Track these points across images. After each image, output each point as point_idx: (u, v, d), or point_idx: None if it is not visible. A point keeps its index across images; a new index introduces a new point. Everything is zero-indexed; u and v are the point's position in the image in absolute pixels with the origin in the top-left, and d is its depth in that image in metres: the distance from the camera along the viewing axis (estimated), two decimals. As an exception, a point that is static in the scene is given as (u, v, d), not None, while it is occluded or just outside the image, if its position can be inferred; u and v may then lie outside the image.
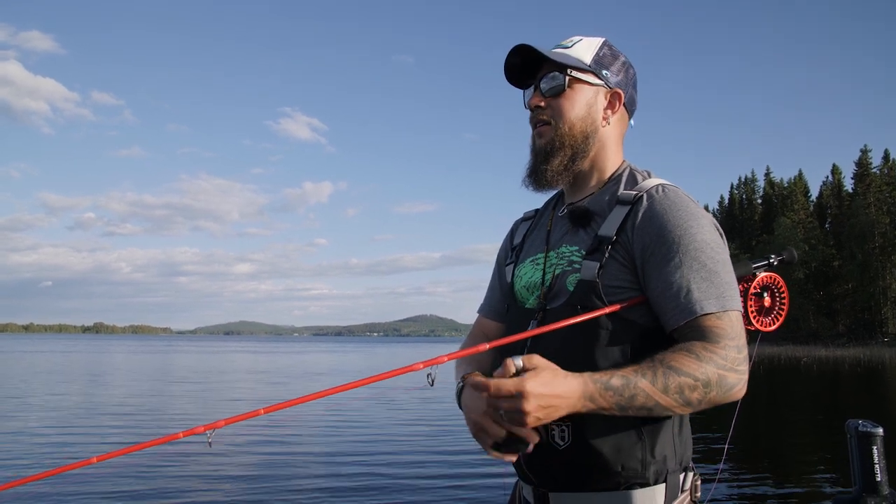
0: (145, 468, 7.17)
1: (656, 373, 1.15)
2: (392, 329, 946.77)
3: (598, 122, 1.44)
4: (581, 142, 1.42)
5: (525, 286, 1.48)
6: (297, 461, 8.20)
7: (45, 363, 35.26)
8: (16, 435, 9.79)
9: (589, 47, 1.45)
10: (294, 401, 1.21)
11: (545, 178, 1.44)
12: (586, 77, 1.42)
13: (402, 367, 1.19)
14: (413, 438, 10.10)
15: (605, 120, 1.45)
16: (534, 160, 1.47)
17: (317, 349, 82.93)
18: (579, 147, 1.42)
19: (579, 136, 1.42)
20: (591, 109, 1.43)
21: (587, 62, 1.43)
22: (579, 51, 1.44)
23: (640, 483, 1.25)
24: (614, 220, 1.34)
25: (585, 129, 1.42)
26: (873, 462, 1.29)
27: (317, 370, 32.45)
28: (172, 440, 1.25)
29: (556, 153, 1.42)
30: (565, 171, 1.43)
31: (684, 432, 1.33)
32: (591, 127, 1.43)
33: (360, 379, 1.22)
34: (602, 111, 1.44)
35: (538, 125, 1.45)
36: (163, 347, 79.51)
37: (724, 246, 1.32)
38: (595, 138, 1.43)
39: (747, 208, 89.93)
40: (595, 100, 1.43)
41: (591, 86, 1.43)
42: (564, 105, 1.42)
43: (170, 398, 16.61)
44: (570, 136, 1.41)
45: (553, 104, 1.43)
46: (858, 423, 1.33)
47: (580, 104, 1.42)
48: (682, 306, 1.22)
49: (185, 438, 1.23)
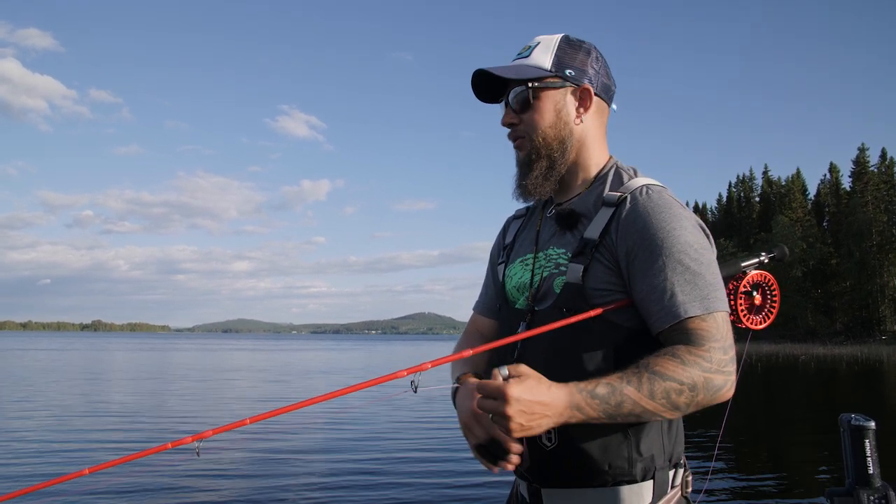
0: (137, 477, 7.16)
1: (641, 379, 1.15)
2: (390, 327, 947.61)
3: (572, 124, 1.42)
4: (557, 148, 1.41)
5: (515, 286, 1.49)
6: (286, 467, 8.18)
7: (41, 362, 35.24)
8: (9, 443, 9.76)
9: (546, 49, 1.42)
10: (279, 410, 1.22)
11: (527, 191, 1.44)
12: (549, 82, 1.40)
13: (387, 374, 1.20)
14: (406, 442, 10.10)
15: (579, 118, 1.43)
16: (518, 173, 1.48)
17: (316, 347, 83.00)
18: (556, 154, 1.42)
19: (555, 143, 1.41)
20: (561, 113, 1.41)
21: (547, 66, 1.40)
22: (537, 57, 1.42)
23: (627, 480, 1.27)
24: (599, 222, 1.34)
25: (560, 135, 1.41)
26: (865, 455, 1.30)
27: (318, 368, 32.40)
28: (161, 451, 1.29)
29: (533, 165, 1.42)
30: (545, 180, 1.43)
31: (674, 429, 1.33)
32: (565, 130, 1.42)
33: (346, 387, 1.23)
34: (574, 111, 1.43)
35: (515, 140, 1.46)
36: (161, 346, 79.44)
37: (708, 247, 1.31)
38: (571, 140, 1.42)
39: (745, 206, 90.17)
40: (564, 102, 1.42)
41: (556, 89, 1.41)
42: (534, 118, 1.41)
43: (167, 400, 16.57)
44: (546, 146, 1.41)
45: (524, 118, 1.43)
46: (851, 417, 1.34)
47: (548, 112, 1.41)
48: (667, 309, 1.23)
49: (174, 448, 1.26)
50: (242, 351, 62.18)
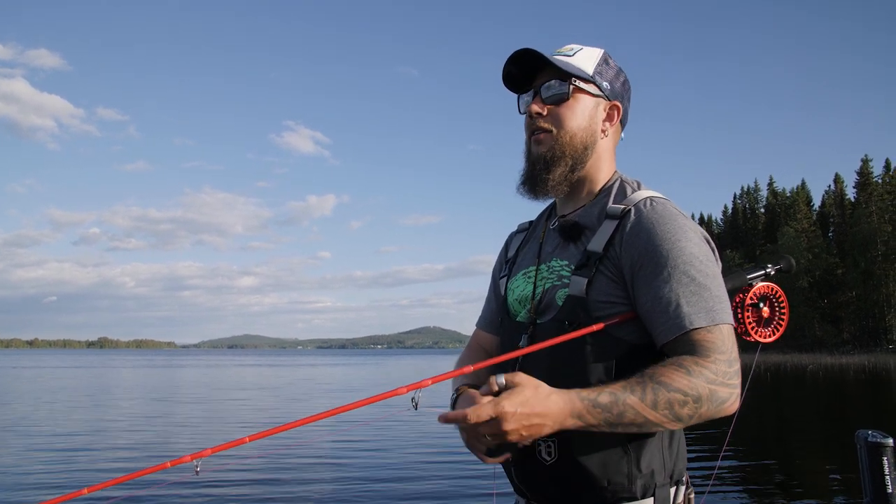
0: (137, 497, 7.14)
1: (645, 388, 1.14)
2: (396, 341, 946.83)
3: (598, 134, 1.43)
4: (581, 152, 1.40)
5: (517, 299, 1.47)
6: (286, 486, 8.13)
7: (46, 380, 35.23)
8: (7, 460, 9.73)
9: (590, 58, 1.43)
10: (278, 428, 1.23)
11: (546, 187, 1.42)
12: (588, 87, 1.41)
13: (387, 391, 1.19)
14: (407, 459, 10.03)
15: (604, 132, 1.44)
16: (530, 168, 1.45)
17: (323, 363, 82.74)
18: (579, 157, 1.41)
19: (579, 147, 1.40)
20: (592, 120, 1.42)
21: (589, 72, 1.41)
22: (581, 60, 1.42)
23: (627, 497, 1.25)
24: (603, 234, 1.33)
25: (585, 140, 1.41)
26: (884, 473, 1.26)
27: (328, 387, 32.05)
28: (160, 470, 1.30)
29: (557, 162, 1.40)
30: (565, 181, 1.42)
31: (675, 445, 1.31)
32: (591, 138, 1.41)
33: (346, 404, 1.22)
34: (601, 123, 1.43)
35: (536, 132, 1.43)
36: (166, 363, 79.38)
37: (714, 259, 1.30)
38: (593, 150, 1.42)
39: (750, 218, 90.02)
40: (595, 111, 1.42)
41: (592, 96, 1.41)
42: (566, 114, 1.40)
43: (169, 419, 16.52)
44: (571, 146, 1.40)
45: (554, 112, 1.40)
46: (868, 434, 1.31)
47: (582, 114, 1.40)
48: (672, 321, 1.21)
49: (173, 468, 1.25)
50: (248, 367, 62.02)
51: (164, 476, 6.97)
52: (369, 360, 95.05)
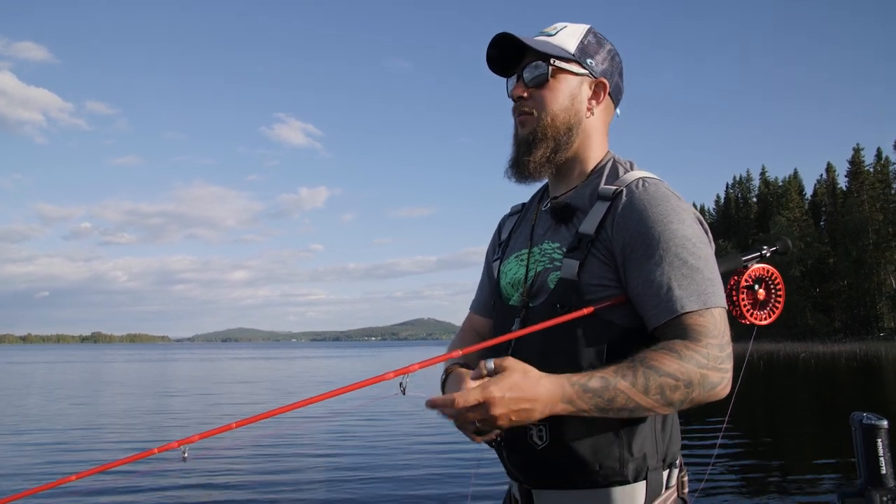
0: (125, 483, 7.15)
1: (636, 373, 1.12)
2: (390, 333, 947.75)
3: (582, 113, 1.40)
4: (564, 133, 1.38)
5: (510, 282, 1.46)
6: (275, 472, 8.16)
7: (40, 375, 35.13)
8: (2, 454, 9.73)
9: (573, 35, 1.41)
10: (265, 414, 1.20)
11: (527, 169, 1.40)
12: (570, 66, 1.38)
13: (373, 376, 1.17)
14: (396, 444, 10.07)
15: (590, 110, 1.41)
16: (516, 150, 1.44)
17: (318, 355, 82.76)
18: (562, 138, 1.39)
19: (562, 128, 1.38)
20: (575, 100, 1.39)
21: (571, 51, 1.38)
22: (563, 38, 1.40)
23: (619, 481, 1.24)
24: (595, 216, 1.31)
25: (568, 120, 1.38)
26: (878, 455, 1.27)
27: (321, 377, 32.09)
28: (147, 456, 1.28)
29: (538, 144, 1.38)
30: (548, 162, 1.40)
31: (668, 428, 1.30)
32: (575, 118, 1.39)
33: (333, 389, 1.20)
34: (586, 101, 1.41)
35: (520, 115, 1.42)
36: (160, 357, 79.22)
37: (707, 241, 1.28)
38: (578, 129, 1.40)
39: (743, 207, 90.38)
40: (579, 90, 1.40)
41: (575, 75, 1.39)
42: (547, 96, 1.38)
43: (161, 410, 16.53)
44: (553, 128, 1.38)
45: (536, 94, 1.39)
46: (863, 416, 1.31)
47: (563, 94, 1.38)
48: (663, 305, 1.19)
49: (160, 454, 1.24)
50: (242, 360, 61.94)
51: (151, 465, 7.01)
52: (364, 352, 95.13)
